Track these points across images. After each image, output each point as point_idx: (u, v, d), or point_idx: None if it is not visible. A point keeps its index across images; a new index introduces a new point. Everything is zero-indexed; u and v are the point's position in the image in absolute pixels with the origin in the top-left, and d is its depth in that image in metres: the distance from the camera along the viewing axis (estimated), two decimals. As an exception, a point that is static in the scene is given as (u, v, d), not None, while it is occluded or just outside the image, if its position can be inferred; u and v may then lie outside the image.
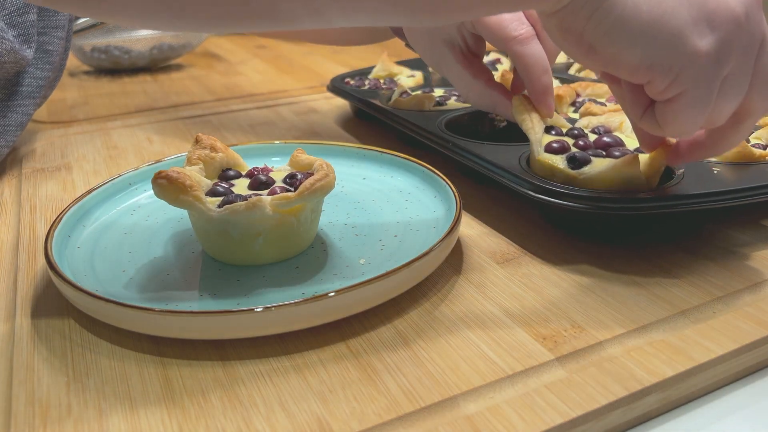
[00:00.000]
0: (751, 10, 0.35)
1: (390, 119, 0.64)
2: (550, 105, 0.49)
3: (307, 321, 0.36)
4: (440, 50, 0.50)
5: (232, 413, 0.32)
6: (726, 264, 0.44)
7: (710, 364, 0.35)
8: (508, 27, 0.47)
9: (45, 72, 0.65)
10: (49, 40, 0.65)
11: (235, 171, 0.47)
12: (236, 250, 0.42)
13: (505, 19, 0.47)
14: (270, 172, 0.46)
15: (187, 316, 0.35)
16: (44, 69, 0.65)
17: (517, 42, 0.47)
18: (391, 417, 0.31)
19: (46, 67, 0.65)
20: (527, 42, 0.47)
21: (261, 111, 0.85)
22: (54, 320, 0.40)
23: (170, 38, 1.12)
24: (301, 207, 0.42)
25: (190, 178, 0.41)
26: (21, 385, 0.34)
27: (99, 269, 0.43)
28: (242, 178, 0.46)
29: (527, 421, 0.31)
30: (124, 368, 0.35)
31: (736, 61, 0.35)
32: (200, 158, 0.46)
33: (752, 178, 0.46)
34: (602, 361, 0.35)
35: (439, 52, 0.50)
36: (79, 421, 0.32)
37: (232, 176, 0.46)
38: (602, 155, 0.46)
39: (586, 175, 0.44)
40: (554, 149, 0.47)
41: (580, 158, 0.45)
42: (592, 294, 0.41)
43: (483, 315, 0.39)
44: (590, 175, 0.44)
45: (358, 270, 0.42)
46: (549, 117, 0.49)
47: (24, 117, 0.64)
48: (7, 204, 0.57)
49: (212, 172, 0.46)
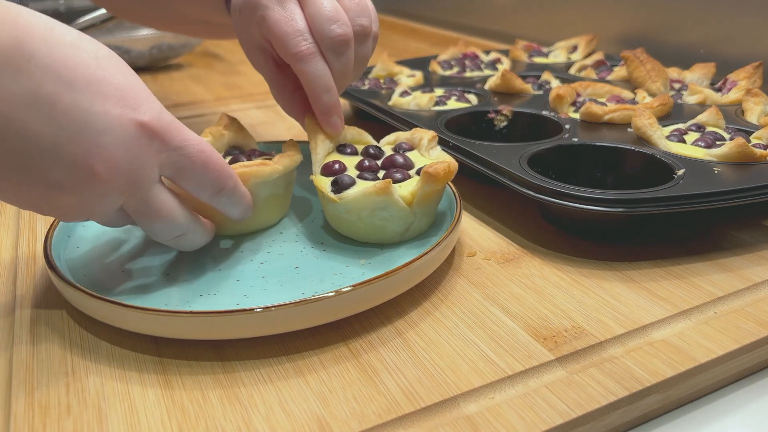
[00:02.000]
0: None
1: (390, 119, 0.64)
2: (335, 124, 0.48)
3: (307, 321, 0.36)
4: (255, 54, 0.51)
5: (231, 413, 0.32)
6: (726, 264, 0.44)
7: (710, 364, 0.35)
8: (289, 43, 0.45)
9: None
10: None
11: (239, 150, 0.51)
12: None
13: (287, 34, 0.45)
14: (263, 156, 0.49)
15: (187, 316, 0.35)
16: None
17: (297, 59, 0.45)
18: (391, 417, 0.31)
19: None
20: (308, 59, 0.45)
21: (261, 111, 0.85)
22: (54, 320, 0.40)
23: (170, 38, 1.12)
24: None
25: None
26: (21, 385, 0.34)
27: (99, 269, 0.43)
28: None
29: (527, 421, 0.31)
30: (124, 368, 0.35)
31: None
32: (211, 133, 0.50)
33: (752, 178, 0.46)
34: (602, 361, 0.35)
35: (254, 56, 0.51)
36: (79, 421, 0.32)
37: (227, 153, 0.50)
38: (368, 179, 0.44)
39: (345, 200, 0.43)
40: (327, 171, 0.45)
41: (341, 183, 0.43)
42: (592, 294, 0.41)
43: (483, 315, 0.39)
44: (348, 200, 0.43)
45: (358, 270, 0.42)
46: (335, 136, 0.49)
47: None
48: (8, 204, 0.57)
49: (220, 148, 0.51)
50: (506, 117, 0.64)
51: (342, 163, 0.46)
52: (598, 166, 0.54)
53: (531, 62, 0.89)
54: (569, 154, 0.54)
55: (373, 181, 0.44)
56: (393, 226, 0.44)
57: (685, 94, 0.69)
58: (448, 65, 0.85)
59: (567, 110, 0.64)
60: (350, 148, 0.48)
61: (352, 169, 0.46)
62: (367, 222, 0.43)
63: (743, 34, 0.79)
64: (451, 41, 1.20)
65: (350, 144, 0.49)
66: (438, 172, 0.42)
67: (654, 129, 0.53)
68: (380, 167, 0.46)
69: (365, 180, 0.44)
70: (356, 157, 0.48)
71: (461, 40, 1.00)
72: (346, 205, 0.43)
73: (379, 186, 0.41)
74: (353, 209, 0.43)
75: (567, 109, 0.64)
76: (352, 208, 0.43)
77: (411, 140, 0.49)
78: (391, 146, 0.50)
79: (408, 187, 0.43)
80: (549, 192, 0.45)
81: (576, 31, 0.99)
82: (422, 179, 0.42)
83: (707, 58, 0.81)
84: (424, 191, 0.43)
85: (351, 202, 0.43)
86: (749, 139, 0.53)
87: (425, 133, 0.49)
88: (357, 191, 0.43)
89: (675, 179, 0.46)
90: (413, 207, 0.43)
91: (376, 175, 0.45)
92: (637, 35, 0.94)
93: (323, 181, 0.45)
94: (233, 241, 0.46)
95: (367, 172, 0.45)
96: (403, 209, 0.43)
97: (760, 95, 0.61)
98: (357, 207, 0.43)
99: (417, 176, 0.45)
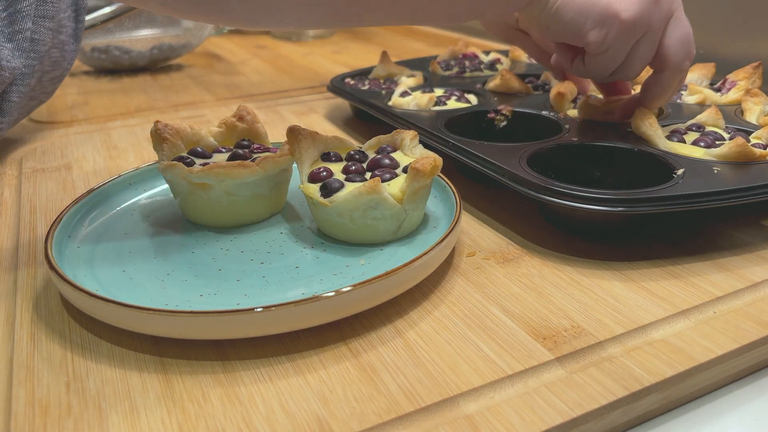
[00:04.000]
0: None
1: (390, 119, 0.64)
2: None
3: (307, 321, 0.36)
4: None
5: (232, 413, 0.32)
6: (725, 264, 0.44)
7: (710, 364, 0.35)
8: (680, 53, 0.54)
9: (28, 60, 0.63)
10: (35, 29, 0.63)
11: (248, 142, 0.53)
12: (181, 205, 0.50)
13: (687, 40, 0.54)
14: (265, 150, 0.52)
15: (187, 316, 0.35)
16: (27, 58, 0.63)
17: (681, 69, 0.54)
18: (391, 417, 0.31)
19: (31, 55, 0.63)
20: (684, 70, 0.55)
21: (261, 111, 0.85)
22: (54, 320, 0.40)
23: (170, 38, 1.12)
24: (206, 185, 0.46)
25: (176, 135, 0.50)
26: (21, 385, 0.34)
27: (99, 269, 0.43)
28: (224, 153, 0.51)
29: (527, 421, 0.31)
30: (124, 368, 0.35)
31: (648, 30, 0.50)
32: (225, 123, 0.53)
33: (752, 178, 0.46)
34: (602, 361, 0.35)
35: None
36: (79, 421, 0.32)
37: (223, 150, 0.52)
38: (356, 180, 0.45)
39: (336, 203, 0.43)
40: (314, 177, 0.45)
41: (330, 186, 0.44)
42: (592, 294, 0.41)
43: (483, 315, 0.39)
44: (339, 203, 0.43)
45: (358, 270, 0.42)
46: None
47: (8, 104, 0.63)
48: (7, 204, 0.57)
49: (232, 138, 0.53)
50: (506, 117, 0.64)
51: (328, 169, 0.46)
52: (598, 166, 0.54)
53: (531, 62, 0.89)
54: (569, 154, 0.54)
55: (362, 182, 0.44)
56: (385, 224, 0.44)
57: (684, 94, 0.69)
58: (448, 65, 0.85)
59: (567, 108, 0.64)
60: (334, 155, 0.49)
61: (339, 174, 0.46)
62: (359, 223, 0.43)
63: (743, 34, 0.79)
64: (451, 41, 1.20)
65: (333, 152, 0.49)
66: (425, 166, 0.43)
67: (654, 129, 0.53)
68: (366, 169, 0.47)
69: (353, 182, 0.44)
70: (341, 162, 0.48)
71: (461, 40, 1.00)
72: (337, 207, 0.43)
73: (368, 185, 0.42)
74: (345, 211, 0.43)
75: (567, 107, 0.64)
76: (344, 210, 0.43)
77: (393, 142, 0.50)
78: (374, 150, 0.50)
79: (396, 185, 0.44)
80: (549, 192, 0.45)
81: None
82: (410, 175, 0.43)
83: (707, 58, 0.81)
84: (412, 187, 0.43)
85: (342, 204, 0.43)
86: (749, 139, 0.53)
87: (406, 134, 0.49)
88: (347, 193, 0.43)
89: (675, 179, 0.46)
90: (404, 204, 0.43)
91: (364, 177, 0.45)
92: (636, 35, 0.93)
93: (311, 189, 0.45)
94: (233, 241, 0.46)
95: (355, 174, 0.45)
96: (394, 206, 0.43)
97: (760, 95, 0.61)
98: (348, 209, 0.43)
99: (404, 174, 0.45)
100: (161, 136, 0.49)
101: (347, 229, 0.44)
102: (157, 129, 0.49)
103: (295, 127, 0.48)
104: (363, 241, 0.45)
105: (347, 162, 0.47)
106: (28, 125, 0.81)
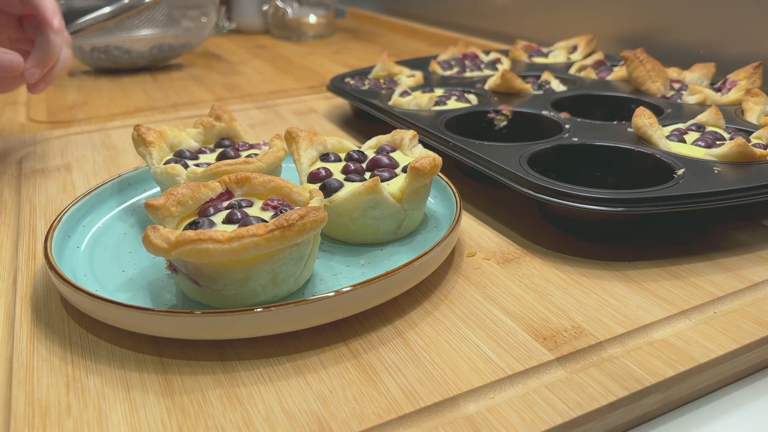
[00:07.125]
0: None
1: (390, 119, 0.64)
2: None
3: (307, 321, 0.36)
4: None
5: (232, 413, 0.32)
6: (726, 264, 0.44)
7: (710, 364, 0.35)
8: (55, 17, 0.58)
9: None
10: None
11: (229, 141, 0.53)
12: None
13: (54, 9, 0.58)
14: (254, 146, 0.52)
15: (187, 316, 0.35)
16: None
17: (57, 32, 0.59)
18: (391, 417, 0.31)
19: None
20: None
21: (261, 111, 0.85)
22: (54, 320, 0.40)
23: (170, 38, 1.12)
24: None
25: (160, 137, 0.50)
26: (21, 385, 0.34)
27: (99, 269, 0.43)
28: (211, 153, 0.51)
29: (527, 421, 0.31)
30: (124, 368, 0.35)
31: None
32: (202, 123, 0.53)
33: (752, 178, 0.46)
34: (602, 361, 0.35)
35: None
36: (79, 421, 0.32)
37: (205, 151, 0.52)
38: (356, 180, 0.45)
39: (336, 203, 0.43)
40: (314, 178, 0.45)
41: (329, 186, 0.44)
42: (592, 294, 0.41)
43: (483, 315, 0.39)
44: (338, 203, 0.43)
45: (358, 270, 0.42)
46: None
47: None
48: (7, 204, 0.57)
49: (211, 138, 0.53)
50: (506, 117, 0.64)
51: (328, 170, 0.46)
52: (598, 166, 0.54)
53: (531, 62, 0.89)
54: (569, 154, 0.54)
55: (361, 182, 0.44)
56: (385, 224, 0.44)
57: (685, 94, 0.69)
58: (448, 65, 0.85)
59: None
60: (333, 156, 0.49)
61: (338, 174, 0.46)
62: (359, 223, 0.43)
63: (743, 34, 0.79)
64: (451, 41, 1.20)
65: (332, 152, 0.49)
66: (425, 166, 0.43)
67: (654, 129, 0.53)
68: (365, 169, 0.47)
69: (353, 182, 0.44)
70: (340, 163, 0.48)
71: (461, 40, 1.00)
72: (337, 207, 0.43)
73: (367, 184, 0.42)
74: (344, 211, 0.43)
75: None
76: (344, 210, 0.43)
77: (392, 142, 0.50)
78: (373, 150, 0.50)
79: (396, 185, 0.44)
80: (549, 192, 0.45)
81: (576, 31, 0.99)
82: (410, 175, 0.43)
83: (707, 58, 0.81)
84: (412, 187, 0.43)
85: (342, 204, 0.43)
86: (749, 139, 0.53)
87: (406, 133, 0.49)
88: (346, 192, 0.43)
89: (675, 179, 0.46)
90: (403, 203, 0.43)
91: (363, 177, 0.45)
92: (637, 35, 0.94)
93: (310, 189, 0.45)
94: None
95: (354, 174, 0.45)
96: (394, 206, 0.43)
97: (760, 95, 0.61)
98: (348, 208, 0.43)
99: (403, 174, 0.45)
100: (146, 139, 0.49)
101: (347, 229, 0.44)
102: (140, 133, 0.49)
103: (292, 129, 0.48)
104: (363, 241, 0.45)
105: (347, 162, 0.47)
106: (28, 125, 0.81)
